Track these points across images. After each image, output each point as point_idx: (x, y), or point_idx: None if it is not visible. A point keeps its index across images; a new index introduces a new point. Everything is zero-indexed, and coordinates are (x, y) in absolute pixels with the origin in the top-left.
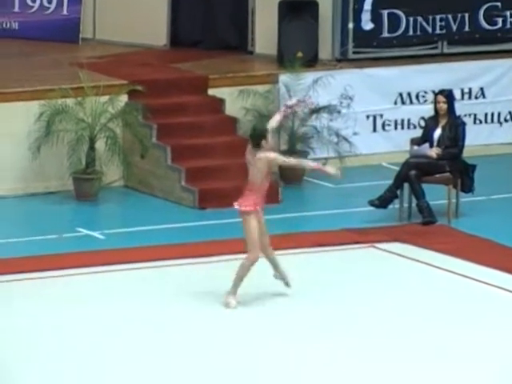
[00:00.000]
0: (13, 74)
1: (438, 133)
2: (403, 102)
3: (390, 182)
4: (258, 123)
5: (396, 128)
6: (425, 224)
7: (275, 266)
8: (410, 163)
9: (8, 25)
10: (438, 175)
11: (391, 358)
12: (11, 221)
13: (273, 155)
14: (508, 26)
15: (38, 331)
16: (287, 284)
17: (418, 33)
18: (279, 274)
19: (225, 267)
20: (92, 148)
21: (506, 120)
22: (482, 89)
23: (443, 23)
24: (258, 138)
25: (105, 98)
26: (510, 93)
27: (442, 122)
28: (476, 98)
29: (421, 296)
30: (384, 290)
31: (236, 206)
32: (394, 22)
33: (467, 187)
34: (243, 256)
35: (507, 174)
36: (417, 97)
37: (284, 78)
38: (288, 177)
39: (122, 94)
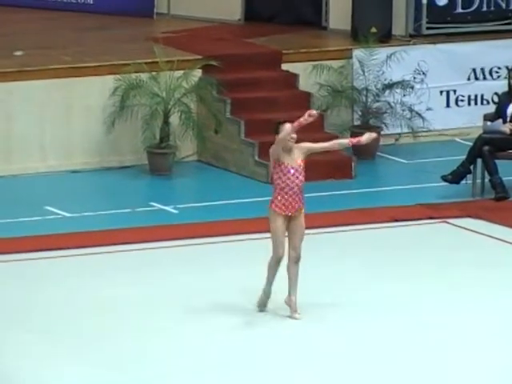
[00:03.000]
0: (88, 48)
1: (511, 108)
2: (476, 78)
3: (463, 157)
4: (332, 99)
5: (469, 103)
6: (498, 200)
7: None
8: (483, 139)
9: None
10: (511, 151)
11: (464, 334)
12: (85, 195)
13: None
14: None
15: (110, 303)
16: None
17: (492, 8)
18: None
19: None
20: (166, 122)
21: None
22: None
23: None
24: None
25: (179, 73)
26: None
27: None
28: None
29: (493, 271)
30: (457, 266)
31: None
32: None
33: None
34: (316, 230)
35: None
36: (490, 72)
37: (358, 53)
38: (361, 152)
39: (197, 68)
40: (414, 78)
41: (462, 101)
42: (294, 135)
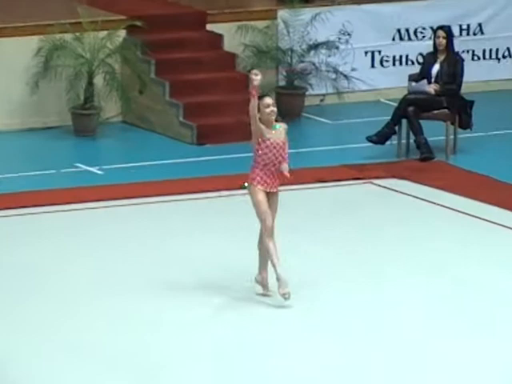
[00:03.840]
0: (12, 8)
1: (436, 69)
2: (401, 38)
3: (388, 118)
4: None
5: (394, 64)
6: (423, 160)
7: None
8: (408, 99)
9: None
10: (436, 111)
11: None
12: (9, 156)
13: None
14: None
15: (36, 266)
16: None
17: None
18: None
19: (222, 203)
20: (90, 83)
21: (504, 56)
22: (480, 25)
23: None
24: None
25: (103, 34)
26: (508, 29)
27: (441, 57)
28: (474, 34)
29: (417, 231)
30: (381, 226)
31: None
32: None
33: (465, 123)
34: (240, 191)
35: (505, 110)
36: (415, 33)
37: (283, 13)
38: (286, 112)
39: (121, 29)
40: (339, 38)
41: (386, 61)
42: (275, 108)
